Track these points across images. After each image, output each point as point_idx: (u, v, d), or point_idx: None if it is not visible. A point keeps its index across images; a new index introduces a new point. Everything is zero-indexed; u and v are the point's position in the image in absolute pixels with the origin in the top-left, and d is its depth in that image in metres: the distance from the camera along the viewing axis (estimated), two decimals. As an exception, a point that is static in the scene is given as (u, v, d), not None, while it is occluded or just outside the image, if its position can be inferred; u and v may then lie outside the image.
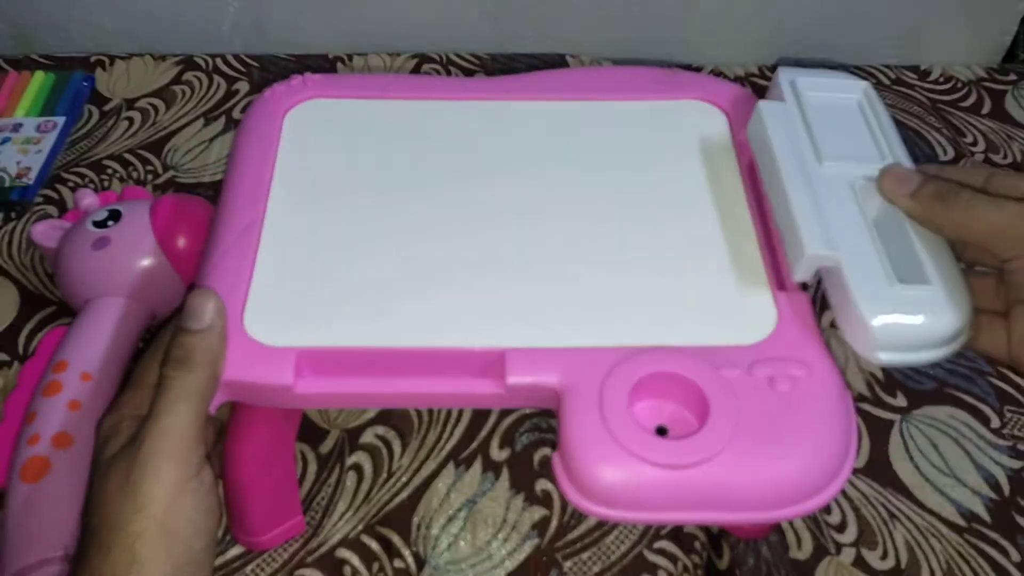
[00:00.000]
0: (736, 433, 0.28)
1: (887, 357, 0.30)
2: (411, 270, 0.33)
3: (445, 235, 0.34)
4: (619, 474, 0.28)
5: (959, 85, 0.61)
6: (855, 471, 0.39)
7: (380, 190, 0.36)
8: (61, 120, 0.55)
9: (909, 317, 0.29)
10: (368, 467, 0.39)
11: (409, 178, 0.37)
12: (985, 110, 0.59)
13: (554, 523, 0.37)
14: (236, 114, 0.56)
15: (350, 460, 0.39)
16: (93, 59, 0.60)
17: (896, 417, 0.42)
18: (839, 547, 0.37)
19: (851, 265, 0.30)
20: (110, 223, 0.41)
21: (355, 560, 0.36)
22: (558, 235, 0.35)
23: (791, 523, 0.38)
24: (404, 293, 0.32)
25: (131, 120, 0.56)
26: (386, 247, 0.34)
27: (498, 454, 0.39)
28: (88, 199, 0.44)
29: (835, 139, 0.34)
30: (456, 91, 0.41)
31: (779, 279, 0.33)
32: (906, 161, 0.34)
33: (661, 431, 0.30)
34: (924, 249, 0.31)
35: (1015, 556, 0.37)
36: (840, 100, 0.37)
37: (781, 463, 0.28)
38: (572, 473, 0.28)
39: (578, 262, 0.34)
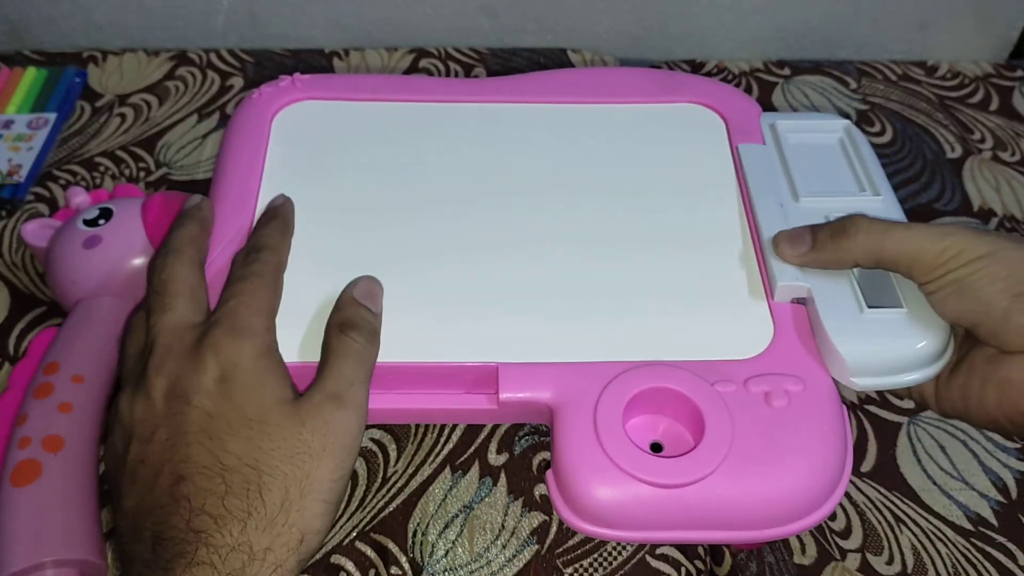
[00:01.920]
0: (732, 450, 0.27)
1: (863, 382, 0.30)
2: (404, 283, 0.32)
3: (438, 247, 0.34)
4: (614, 493, 0.27)
5: (966, 81, 0.60)
6: (862, 475, 0.39)
7: (374, 200, 0.35)
8: (53, 116, 0.54)
9: (879, 341, 0.30)
10: (363, 472, 0.38)
11: (403, 187, 0.36)
12: (993, 106, 0.58)
13: (554, 529, 0.36)
14: (230, 110, 0.56)
15: (346, 464, 0.38)
16: (85, 55, 0.59)
17: (904, 419, 0.41)
18: (844, 553, 0.36)
19: (822, 294, 0.31)
20: (101, 222, 0.40)
21: (350, 567, 0.35)
22: (552, 248, 0.34)
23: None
24: (396, 306, 0.32)
25: (123, 116, 0.55)
26: (378, 259, 0.33)
27: (496, 459, 0.38)
28: (79, 197, 0.44)
29: (812, 177, 0.36)
30: (450, 93, 0.40)
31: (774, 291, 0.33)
32: (886, 191, 0.35)
33: (655, 448, 0.29)
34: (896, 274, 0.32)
35: (1023, 560, 0.36)
36: (820, 139, 0.38)
37: (777, 481, 0.28)
38: (566, 491, 0.28)
39: (572, 276, 0.33)
